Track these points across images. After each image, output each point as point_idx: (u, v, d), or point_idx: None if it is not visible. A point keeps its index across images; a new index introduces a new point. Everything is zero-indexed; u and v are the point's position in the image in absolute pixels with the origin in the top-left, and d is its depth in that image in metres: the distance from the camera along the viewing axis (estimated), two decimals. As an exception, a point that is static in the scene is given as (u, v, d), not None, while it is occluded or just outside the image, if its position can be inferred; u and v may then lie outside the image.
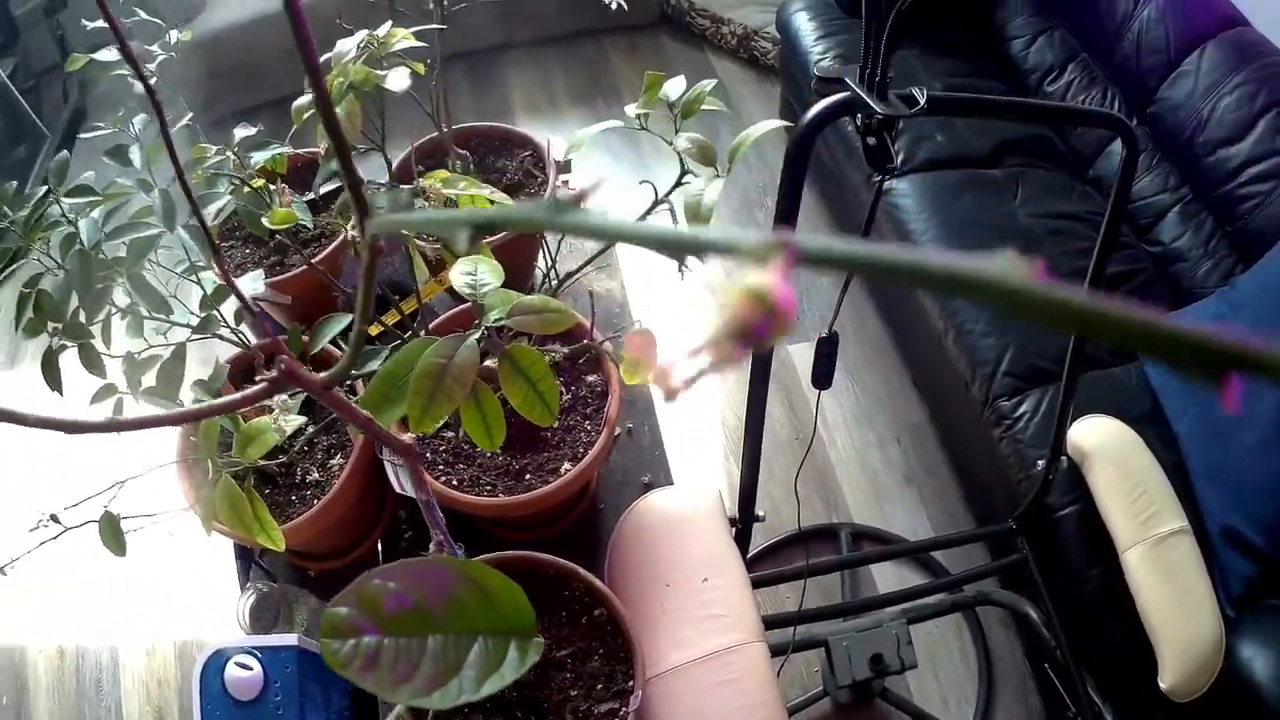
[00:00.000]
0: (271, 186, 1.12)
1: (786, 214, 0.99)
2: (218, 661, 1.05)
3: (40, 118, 3.60)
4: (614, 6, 1.09)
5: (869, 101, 0.93)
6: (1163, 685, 1.52)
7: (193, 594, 2.22)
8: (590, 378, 1.20)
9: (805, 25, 2.81)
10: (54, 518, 1.05)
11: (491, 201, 0.91)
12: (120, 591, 2.28)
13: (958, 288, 0.18)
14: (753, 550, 2.18)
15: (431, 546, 0.65)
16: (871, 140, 0.98)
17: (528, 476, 1.13)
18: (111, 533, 0.97)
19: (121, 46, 0.55)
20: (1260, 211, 2.02)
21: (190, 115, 1.22)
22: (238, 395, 0.45)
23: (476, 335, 0.69)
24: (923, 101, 0.94)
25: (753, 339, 0.19)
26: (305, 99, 1.01)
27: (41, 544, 1.03)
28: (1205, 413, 1.79)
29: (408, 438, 0.63)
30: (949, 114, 2.35)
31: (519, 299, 0.74)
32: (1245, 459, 1.68)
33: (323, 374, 0.48)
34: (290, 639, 1.06)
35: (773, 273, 0.19)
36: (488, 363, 0.75)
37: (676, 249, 0.22)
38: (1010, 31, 2.75)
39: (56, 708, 2.17)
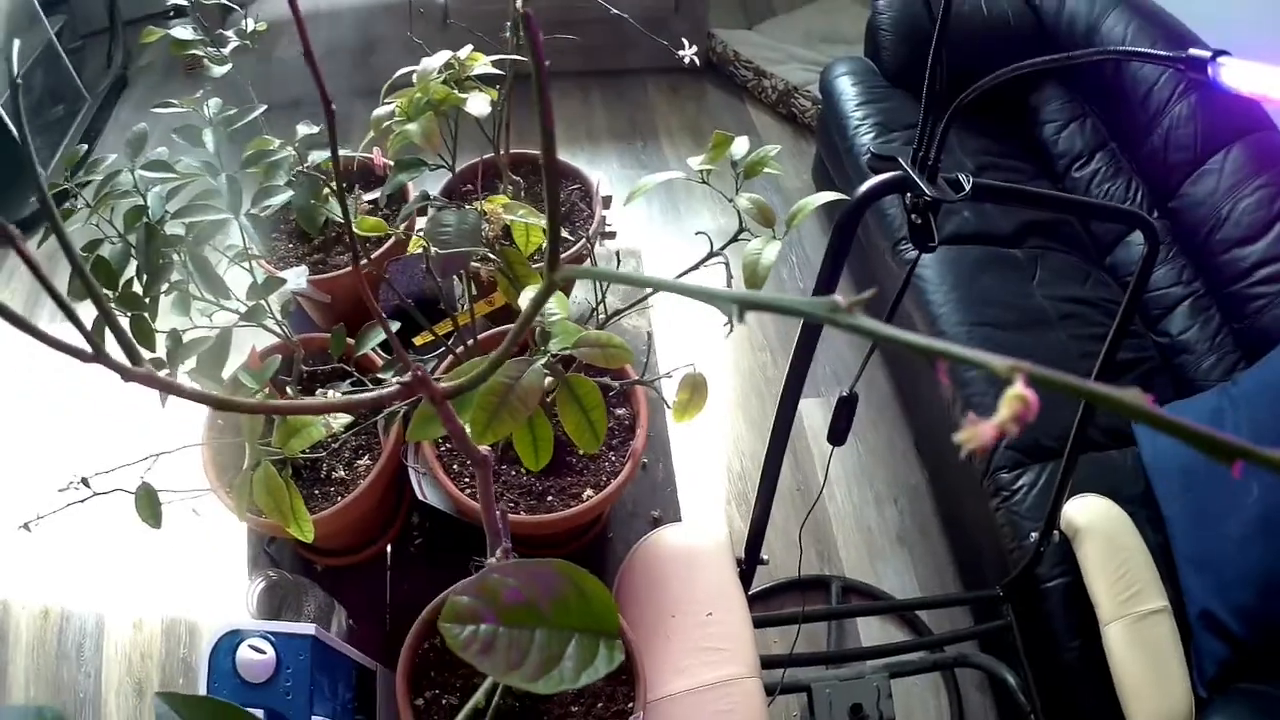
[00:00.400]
0: (328, 188, 1.15)
1: (828, 280, 1.03)
2: (230, 641, 1.07)
3: (81, 79, 3.62)
4: (687, 61, 1.13)
5: (920, 183, 0.98)
6: (1133, 758, 1.56)
7: (188, 574, 2.24)
8: (619, 411, 1.24)
9: (848, 90, 2.86)
10: (85, 481, 1.07)
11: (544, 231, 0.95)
12: (114, 562, 2.30)
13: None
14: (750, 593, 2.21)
15: (499, 553, 0.68)
16: (916, 219, 1.02)
17: (550, 498, 1.16)
18: (149, 505, 0.99)
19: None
20: (1268, 312, 2.08)
21: (263, 108, 1.25)
22: (366, 395, 0.49)
23: (543, 361, 0.73)
24: (967, 188, 0.99)
25: (1020, 423, 0.27)
26: (385, 110, 1.04)
27: (68, 505, 1.05)
28: (1194, 500, 1.83)
29: (484, 449, 0.67)
30: (992, 200, 2.40)
31: (585, 332, 0.77)
32: (1229, 547, 1.72)
33: (445, 385, 0.51)
34: (307, 628, 1.08)
35: (1022, 386, 0.26)
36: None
37: (929, 354, 0.27)
38: (1044, 115, 2.81)
39: (34, 666, 2.17)
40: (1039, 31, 2.84)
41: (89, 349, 0.40)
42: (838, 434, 1.37)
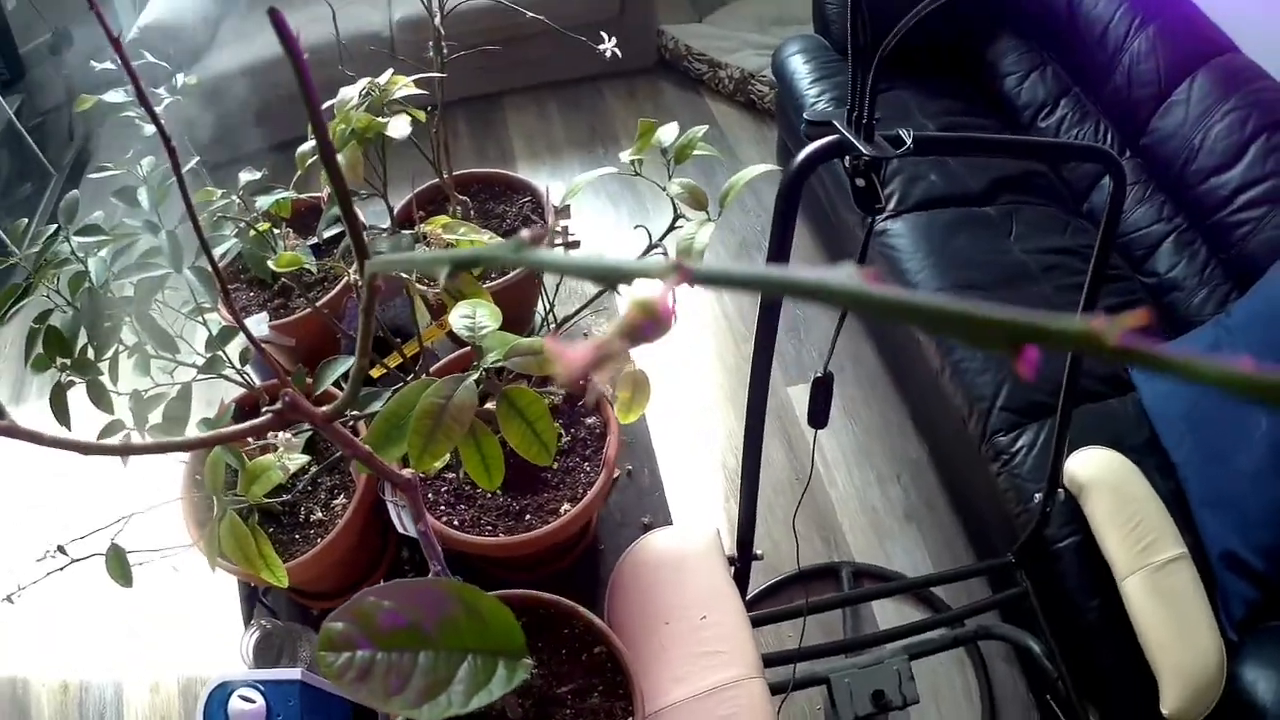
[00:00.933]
0: (276, 230, 1.14)
1: (777, 254, 1.00)
2: (221, 694, 1.07)
3: (46, 155, 3.64)
4: (608, 55, 1.12)
5: (856, 143, 0.95)
6: (1165, 712, 1.53)
7: (197, 630, 2.23)
8: (589, 420, 1.22)
9: (800, 68, 2.85)
10: (61, 549, 1.06)
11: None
12: (125, 627, 2.29)
13: (816, 296, 0.22)
14: (754, 590, 2.18)
15: (429, 577, 0.66)
16: (860, 181, 1.00)
17: (528, 517, 1.14)
18: (118, 565, 0.99)
19: (136, 89, 0.57)
20: (1253, 237, 2.04)
21: (197, 159, 1.24)
22: (244, 425, 0.47)
23: (475, 376, 0.71)
24: (909, 142, 0.96)
25: (639, 338, 0.23)
26: (308, 145, 1.03)
27: (49, 574, 1.05)
28: (1202, 440, 1.80)
29: (407, 473, 0.65)
30: (936, 154, 2.38)
31: (517, 341, 0.75)
32: (1243, 484, 1.69)
33: (324, 408, 0.49)
34: (294, 673, 1.08)
35: (662, 287, 0.23)
36: (488, 405, 0.76)
37: (605, 278, 0.25)
38: (1002, 69, 2.78)
39: (58, 741, 2.17)
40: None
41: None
42: (817, 416, 1.35)
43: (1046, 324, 0.19)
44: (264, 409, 1.02)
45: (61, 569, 1.05)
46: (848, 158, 1.00)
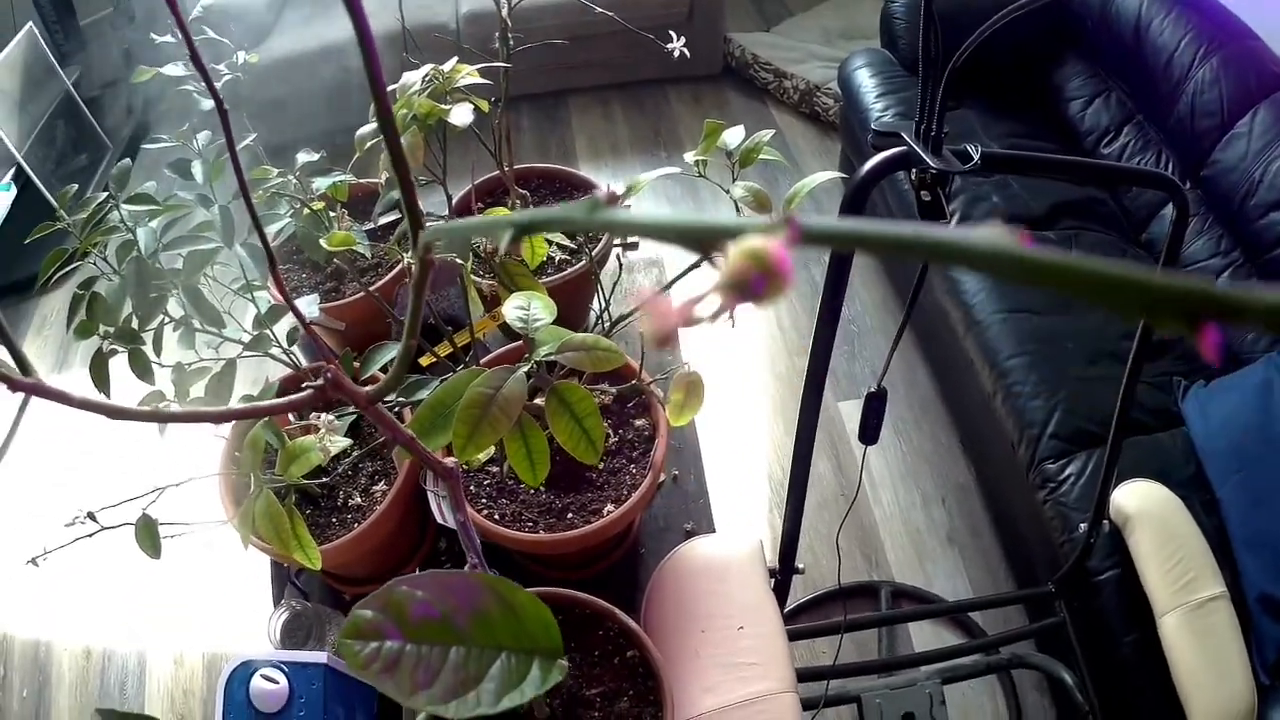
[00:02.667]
0: (331, 214, 1.13)
1: (838, 265, 0.99)
2: (244, 672, 1.06)
3: (103, 128, 3.69)
4: (675, 55, 1.10)
5: (923, 156, 0.94)
6: (1194, 753, 1.50)
7: (226, 608, 2.25)
8: (639, 422, 1.21)
9: (866, 82, 2.83)
10: (91, 515, 1.06)
11: (549, 240, 0.92)
12: (153, 599, 2.31)
13: (955, 257, 0.20)
14: (794, 603, 2.17)
15: (466, 569, 0.65)
16: (926, 195, 0.98)
17: (570, 515, 1.13)
18: (148, 535, 0.99)
19: (194, 60, 0.56)
20: (1311, 275, 2.01)
21: (254, 136, 1.24)
22: (283, 400, 0.46)
23: (526, 369, 0.70)
24: (976, 158, 0.94)
25: (749, 294, 0.21)
26: (369, 128, 1.03)
27: (75, 540, 1.04)
28: (1248, 480, 1.76)
29: (450, 462, 0.64)
30: (1002, 171, 2.35)
31: (570, 335, 0.74)
32: (1285, 529, 1.65)
33: (368, 388, 0.48)
34: (319, 656, 1.06)
35: (775, 240, 0.20)
36: (537, 400, 0.75)
37: (696, 238, 0.23)
38: (1068, 93, 2.76)
39: (77, 705, 2.19)
40: (1055, 2, 2.78)
41: None
42: (869, 431, 1.33)
43: (1240, 296, 0.17)
44: (304, 383, 1.01)
45: (90, 535, 1.04)
46: (914, 170, 0.98)
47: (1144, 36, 2.50)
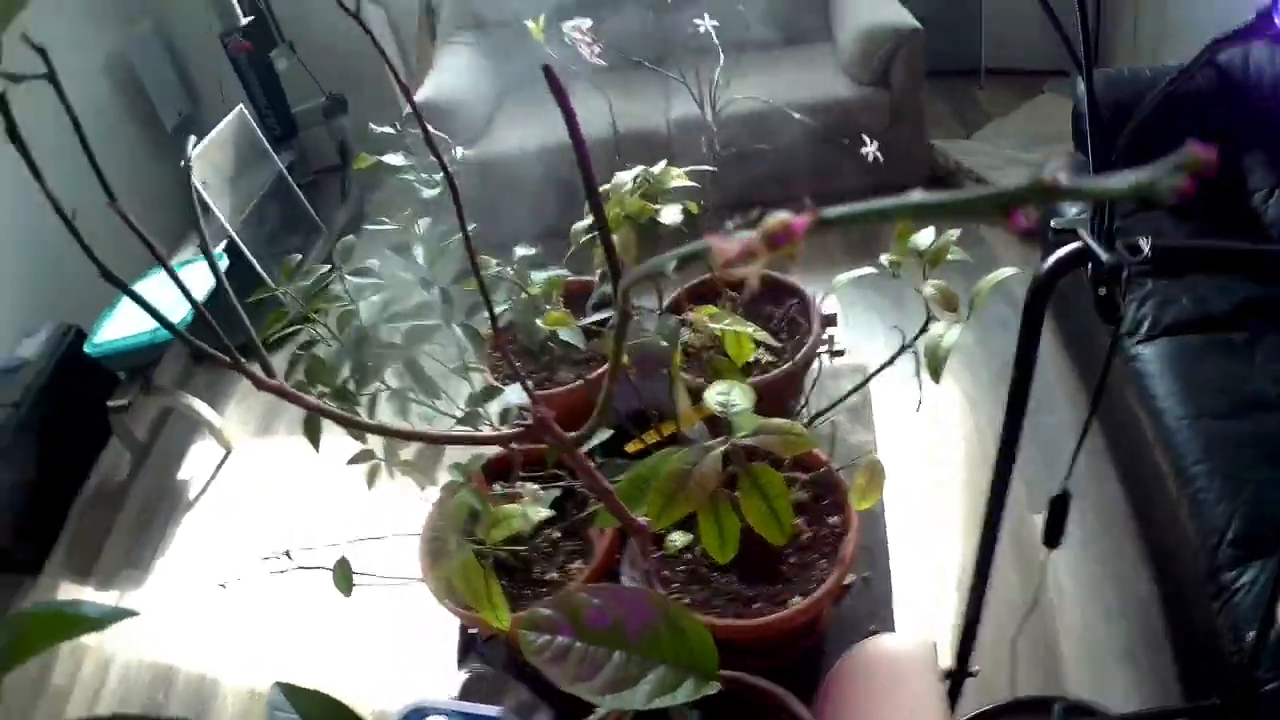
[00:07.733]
0: (547, 305, 1.19)
1: (1021, 364, 1.00)
2: (416, 717, 1.08)
3: (317, 213, 3.89)
4: (870, 158, 1.15)
5: (1096, 250, 0.95)
6: None
7: (403, 666, 2.28)
8: (832, 519, 1.23)
9: (1059, 187, 2.80)
10: (287, 554, 1.13)
11: (756, 341, 0.97)
12: (329, 649, 2.36)
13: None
14: (968, 713, 2.11)
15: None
16: (1102, 290, 0.99)
17: (757, 605, 1.15)
18: (343, 575, 1.05)
19: (431, 149, 0.64)
20: None
21: (474, 226, 1.34)
22: (496, 433, 0.52)
23: (723, 448, 0.74)
24: (1146, 250, 0.95)
25: (774, 244, 0.31)
26: (584, 223, 1.10)
27: (269, 573, 1.11)
28: None
29: (642, 520, 0.69)
30: (1175, 263, 2.27)
31: (767, 421, 0.79)
32: None
33: (572, 433, 0.53)
34: (493, 710, 1.08)
35: (798, 217, 0.31)
36: (730, 477, 0.79)
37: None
38: (1251, 184, 2.69)
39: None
40: (1229, 92, 2.75)
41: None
42: (1052, 534, 1.31)
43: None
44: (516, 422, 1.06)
45: (283, 572, 1.11)
46: (1089, 266, 0.99)
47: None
